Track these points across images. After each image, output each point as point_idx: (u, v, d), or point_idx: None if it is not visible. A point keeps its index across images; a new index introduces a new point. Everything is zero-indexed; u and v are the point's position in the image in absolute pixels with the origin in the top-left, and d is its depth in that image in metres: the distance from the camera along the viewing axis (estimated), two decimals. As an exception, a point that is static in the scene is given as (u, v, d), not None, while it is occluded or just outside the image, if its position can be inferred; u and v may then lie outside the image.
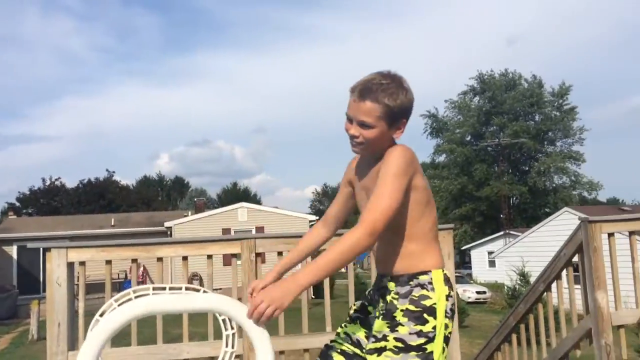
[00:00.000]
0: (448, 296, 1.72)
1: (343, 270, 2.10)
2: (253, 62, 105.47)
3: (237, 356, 1.80)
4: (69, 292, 3.15)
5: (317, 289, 22.40)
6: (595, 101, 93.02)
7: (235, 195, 57.08)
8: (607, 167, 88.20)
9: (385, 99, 1.67)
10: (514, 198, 44.27)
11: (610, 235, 3.84)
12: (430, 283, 1.71)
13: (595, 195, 44.36)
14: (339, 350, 1.87)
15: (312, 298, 21.87)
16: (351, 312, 1.95)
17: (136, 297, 1.51)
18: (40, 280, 21.08)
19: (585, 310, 3.92)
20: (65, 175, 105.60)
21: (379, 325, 1.71)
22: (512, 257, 24.76)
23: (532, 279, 13.36)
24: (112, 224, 25.66)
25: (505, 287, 20.73)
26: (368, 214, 1.60)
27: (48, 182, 45.00)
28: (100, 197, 43.81)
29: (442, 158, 48.25)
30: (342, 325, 1.94)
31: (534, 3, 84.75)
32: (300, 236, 3.57)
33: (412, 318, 1.66)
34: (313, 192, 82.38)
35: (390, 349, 1.65)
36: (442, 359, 1.67)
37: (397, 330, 1.66)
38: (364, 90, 1.69)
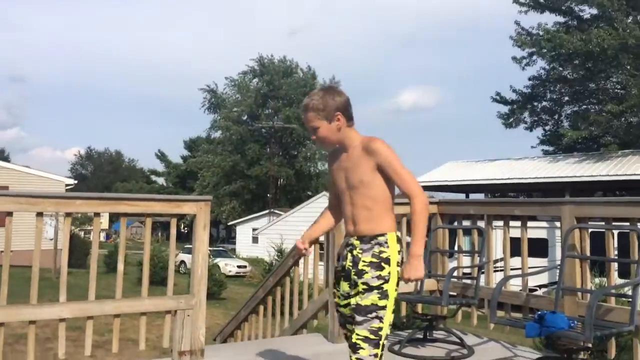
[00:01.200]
0: (399, 251, 2.42)
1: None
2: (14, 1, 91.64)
3: None
4: None
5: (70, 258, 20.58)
6: (361, 98, 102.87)
7: (-24, 149, 49.19)
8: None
9: (318, 106, 2.43)
10: (282, 179, 46.57)
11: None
12: (386, 242, 2.39)
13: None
14: (338, 309, 2.58)
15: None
16: (336, 274, 2.59)
17: None
18: None
19: (325, 284, 4.25)
20: None
21: (352, 274, 2.41)
22: (273, 235, 26.06)
23: (288, 256, 14.16)
24: None
25: (264, 263, 21.76)
26: (412, 187, 2.36)
27: None
28: None
29: (217, 134, 48.39)
30: (334, 286, 2.58)
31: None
32: (43, 196, 3.21)
33: (373, 267, 2.36)
34: (76, 155, 75.78)
35: (359, 292, 2.35)
36: (395, 294, 2.37)
37: (363, 277, 2.36)
38: (304, 107, 2.47)
